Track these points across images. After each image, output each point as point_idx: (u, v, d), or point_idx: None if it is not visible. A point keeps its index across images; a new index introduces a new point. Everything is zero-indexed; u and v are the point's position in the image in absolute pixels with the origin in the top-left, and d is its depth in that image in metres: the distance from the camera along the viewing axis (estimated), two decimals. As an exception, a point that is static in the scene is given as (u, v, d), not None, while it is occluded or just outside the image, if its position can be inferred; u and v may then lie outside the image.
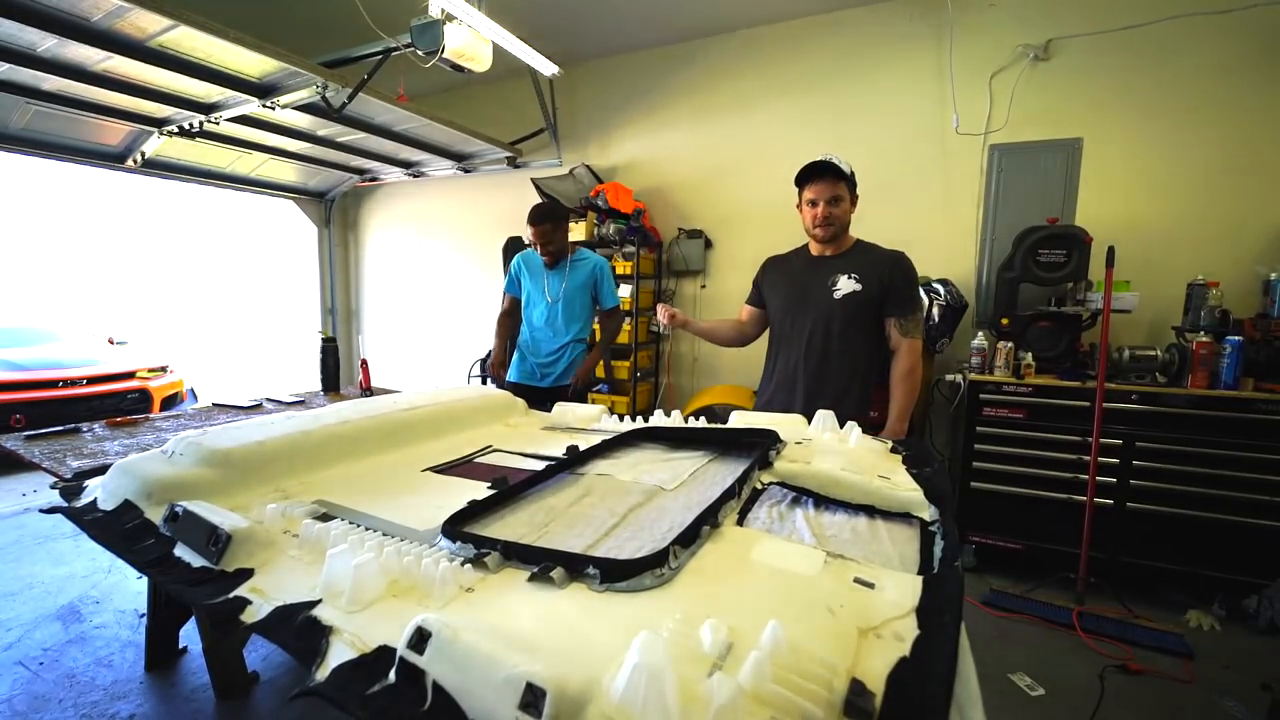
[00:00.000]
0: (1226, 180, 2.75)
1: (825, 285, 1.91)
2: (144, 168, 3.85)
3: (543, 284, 2.72)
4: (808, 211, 1.92)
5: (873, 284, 1.87)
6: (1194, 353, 2.41)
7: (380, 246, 5.59)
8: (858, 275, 1.89)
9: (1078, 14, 2.93)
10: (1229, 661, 2.11)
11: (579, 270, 2.71)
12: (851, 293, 1.88)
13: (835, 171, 1.86)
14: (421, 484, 1.28)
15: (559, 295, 2.68)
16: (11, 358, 4.45)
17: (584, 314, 2.74)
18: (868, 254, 1.95)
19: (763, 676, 0.55)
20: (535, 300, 2.74)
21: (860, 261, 1.92)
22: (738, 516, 1.04)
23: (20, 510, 3.43)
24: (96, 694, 1.88)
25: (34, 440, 1.89)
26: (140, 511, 1.08)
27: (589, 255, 2.76)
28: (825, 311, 1.90)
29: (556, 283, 2.69)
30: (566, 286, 2.68)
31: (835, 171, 1.86)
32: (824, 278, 1.92)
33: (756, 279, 2.14)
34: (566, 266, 2.69)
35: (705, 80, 3.89)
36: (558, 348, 2.70)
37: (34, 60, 2.60)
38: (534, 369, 2.74)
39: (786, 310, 1.99)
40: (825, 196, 1.87)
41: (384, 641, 0.67)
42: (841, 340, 1.90)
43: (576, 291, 2.69)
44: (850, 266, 1.91)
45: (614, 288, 2.79)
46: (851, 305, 1.88)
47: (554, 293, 2.69)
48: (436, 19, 2.56)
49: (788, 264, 2.07)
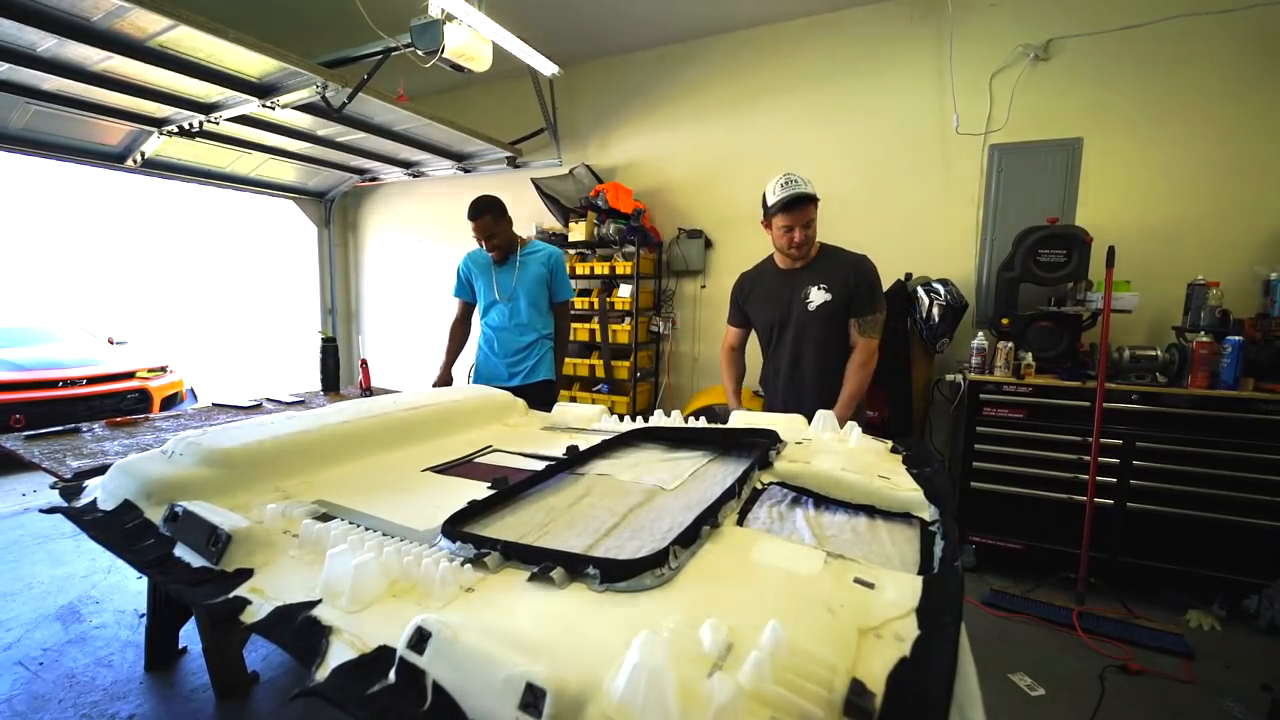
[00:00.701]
0: (1227, 180, 2.75)
1: (800, 299, 2.04)
2: (144, 168, 3.85)
3: (493, 282, 2.59)
4: (781, 236, 2.01)
5: (840, 290, 2.00)
6: (1194, 353, 2.41)
7: (380, 246, 5.59)
8: (826, 285, 2.01)
9: (1078, 14, 2.93)
10: (1229, 661, 2.11)
11: (532, 263, 2.58)
12: (823, 303, 2.01)
13: (809, 198, 1.94)
14: (421, 484, 1.28)
15: (514, 292, 2.55)
16: (11, 358, 4.45)
17: (547, 308, 2.63)
18: (833, 260, 2.06)
19: (763, 676, 0.55)
20: (489, 300, 2.62)
21: (826, 270, 2.04)
22: (738, 516, 1.04)
23: (20, 510, 3.43)
24: (96, 694, 1.88)
25: (34, 440, 1.89)
26: (140, 511, 1.08)
27: (541, 246, 2.65)
28: (802, 323, 2.04)
29: (508, 279, 2.56)
30: (520, 281, 2.55)
31: (809, 198, 1.94)
32: (797, 290, 2.05)
33: (736, 298, 2.24)
34: (516, 261, 2.57)
35: (705, 80, 3.89)
36: (526, 344, 2.59)
37: (34, 60, 2.60)
38: (500, 369, 2.62)
39: (771, 326, 2.13)
40: (800, 223, 1.96)
41: (384, 642, 0.67)
42: (823, 348, 2.04)
43: (533, 284, 2.57)
44: (819, 277, 2.03)
45: (568, 280, 2.69)
46: (824, 314, 2.01)
47: (507, 290, 2.56)
48: (436, 19, 2.55)
49: (762, 280, 2.18)
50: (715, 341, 3.99)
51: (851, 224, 3.35)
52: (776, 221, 2.00)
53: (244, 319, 9.89)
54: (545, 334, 2.64)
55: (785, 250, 2.04)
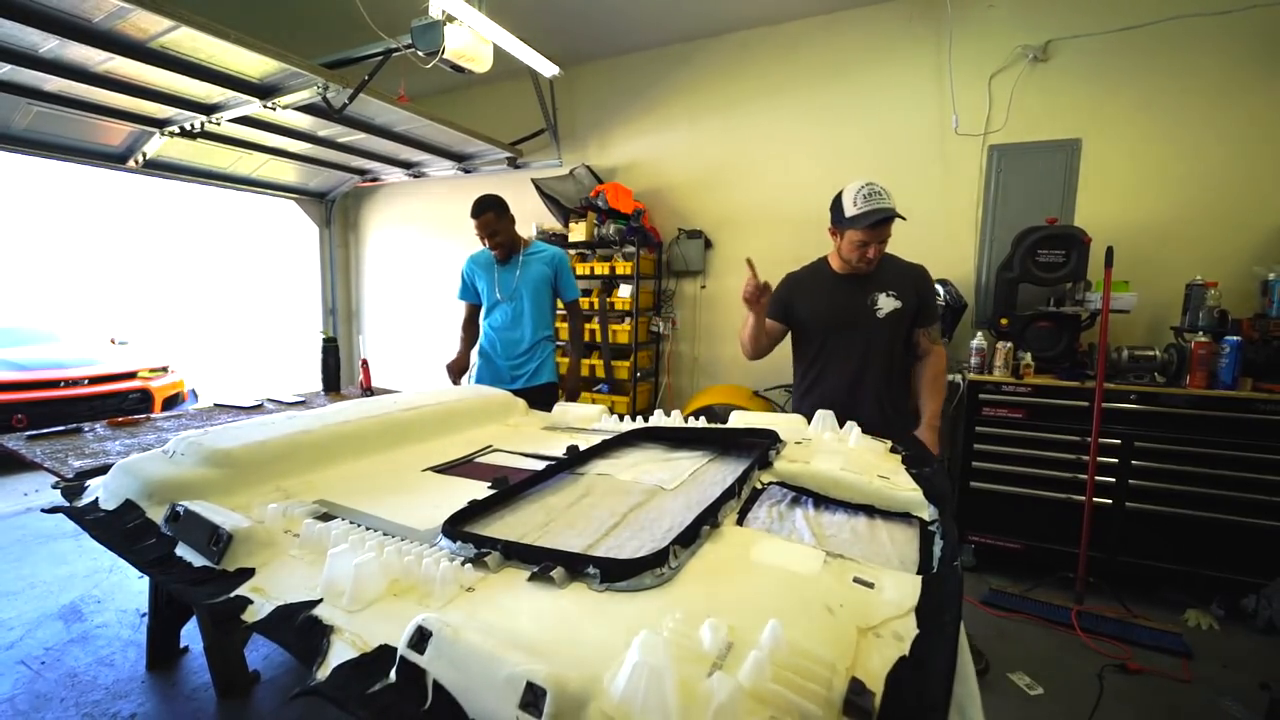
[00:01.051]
0: (1225, 180, 2.75)
1: (866, 305, 1.93)
2: (145, 168, 3.85)
3: (495, 282, 2.57)
4: (853, 249, 1.87)
5: (909, 299, 1.93)
6: (1192, 353, 2.42)
7: (381, 247, 5.59)
8: (895, 293, 1.92)
9: (1077, 15, 2.94)
10: (1227, 661, 2.11)
11: (534, 263, 2.56)
12: (893, 310, 1.92)
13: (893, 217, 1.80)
14: (422, 484, 1.28)
15: (516, 292, 2.53)
16: (13, 358, 4.45)
17: (549, 309, 2.62)
18: (895, 268, 1.97)
19: (762, 676, 0.55)
20: (491, 301, 2.59)
21: (892, 278, 1.94)
22: (738, 516, 1.04)
23: (22, 510, 3.44)
24: (98, 693, 1.89)
25: (36, 440, 1.89)
26: (142, 511, 1.08)
27: (544, 247, 2.62)
28: (872, 331, 1.93)
29: (510, 279, 2.54)
30: (523, 281, 2.53)
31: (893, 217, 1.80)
32: (862, 296, 1.94)
33: (781, 296, 2.05)
34: (519, 261, 2.55)
35: (705, 81, 3.90)
36: (527, 348, 2.57)
37: (36, 61, 2.60)
38: (502, 371, 2.59)
39: (829, 331, 1.99)
40: (878, 240, 1.84)
41: (385, 641, 0.67)
42: (889, 357, 1.95)
43: (536, 285, 2.54)
44: (886, 284, 1.93)
45: (574, 279, 2.66)
46: (893, 322, 1.92)
47: (508, 290, 2.54)
48: (437, 20, 2.56)
49: (817, 283, 2.03)
50: (715, 342, 4.00)
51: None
52: (851, 234, 1.85)
53: (245, 319, 9.90)
54: (547, 335, 2.63)
55: (853, 264, 1.90)
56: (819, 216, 2.04)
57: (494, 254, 2.57)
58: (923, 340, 1.99)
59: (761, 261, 1.94)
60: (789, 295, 2.06)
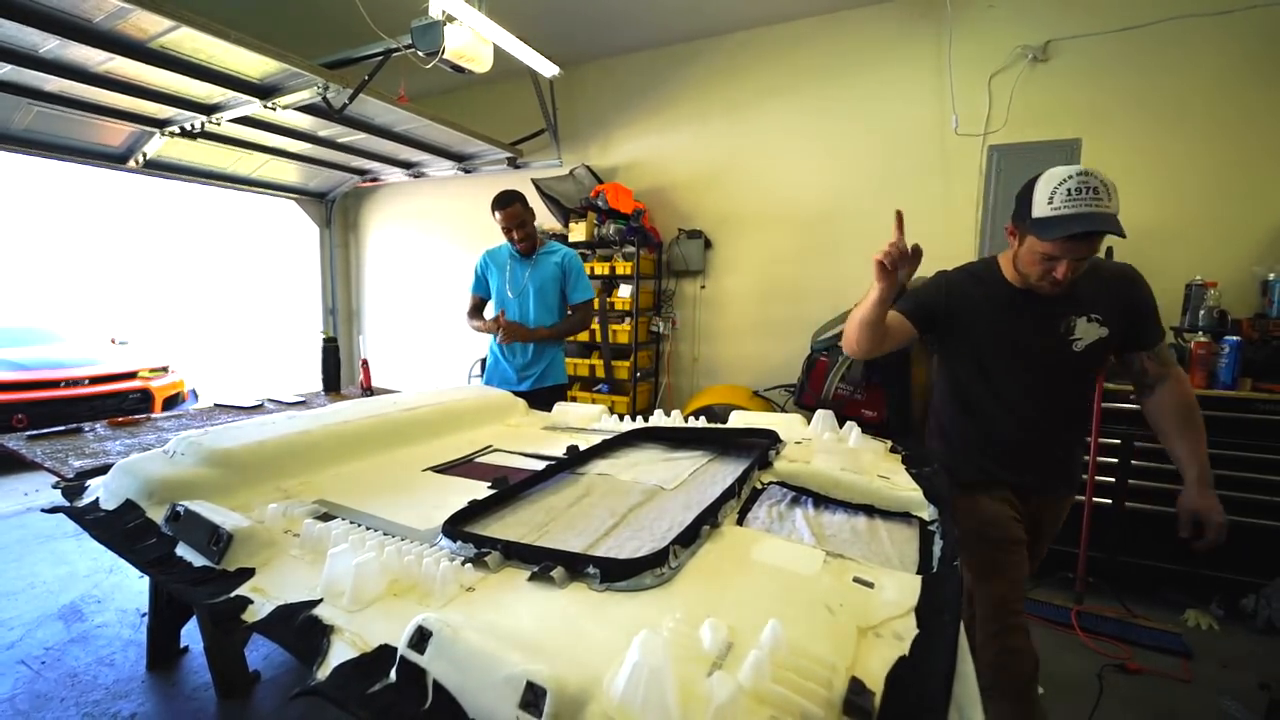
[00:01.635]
0: (1224, 180, 2.75)
1: (1056, 332, 1.44)
2: (146, 168, 3.85)
3: (508, 277, 2.56)
4: (1036, 264, 1.37)
5: (1117, 323, 1.43)
6: (1192, 353, 2.42)
7: (381, 247, 5.60)
8: (1100, 317, 1.42)
9: (1077, 15, 2.94)
10: (1227, 661, 2.11)
11: (546, 262, 2.56)
12: (1096, 340, 1.42)
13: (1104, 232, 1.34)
14: (422, 484, 1.28)
15: (529, 289, 2.52)
16: (13, 358, 4.45)
17: (559, 308, 2.60)
18: (1095, 279, 1.44)
19: (762, 675, 0.55)
20: (503, 296, 2.57)
21: (1093, 294, 1.43)
22: (737, 516, 1.04)
23: (22, 510, 3.44)
24: (98, 693, 1.89)
25: (36, 440, 1.90)
26: (142, 511, 1.08)
27: (558, 247, 2.62)
28: (1058, 365, 1.45)
29: (522, 274, 2.53)
30: (533, 278, 2.53)
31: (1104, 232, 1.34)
32: (1051, 321, 1.44)
33: (934, 299, 1.54)
34: (533, 259, 2.55)
35: (705, 81, 3.90)
36: (534, 348, 2.55)
37: (36, 61, 2.61)
38: (511, 372, 2.57)
39: (994, 354, 1.50)
40: (1074, 256, 1.33)
41: (385, 641, 0.68)
42: (1081, 399, 1.53)
43: (547, 284, 2.54)
44: (1085, 305, 1.42)
45: (587, 281, 2.64)
46: (1094, 354, 1.43)
47: (520, 286, 2.53)
48: (437, 20, 2.56)
49: (989, 292, 1.50)
50: (715, 341, 4.00)
51: (850, 225, 3.30)
52: (1034, 243, 1.35)
53: (245, 319, 9.90)
54: None
55: (1037, 281, 1.39)
56: (819, 216, 2.00)
57: (518, 247, 2.55)
58: (1149, 366, 1.46)
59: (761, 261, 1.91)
60: (948, 300, 1.53)
